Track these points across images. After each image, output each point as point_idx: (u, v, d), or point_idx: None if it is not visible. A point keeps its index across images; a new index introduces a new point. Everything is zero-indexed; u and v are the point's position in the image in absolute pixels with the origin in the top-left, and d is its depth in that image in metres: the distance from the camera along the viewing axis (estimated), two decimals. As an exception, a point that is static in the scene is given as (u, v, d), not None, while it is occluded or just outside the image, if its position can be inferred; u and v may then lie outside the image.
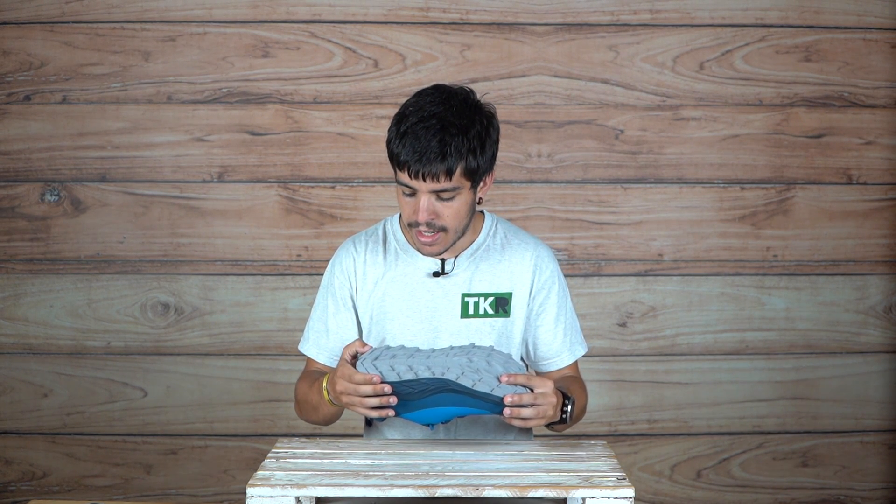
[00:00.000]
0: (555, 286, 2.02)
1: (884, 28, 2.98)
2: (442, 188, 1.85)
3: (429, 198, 1.86)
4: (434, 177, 1.83)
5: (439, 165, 1.82)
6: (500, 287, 1.99)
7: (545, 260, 2.02)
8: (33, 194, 2.95)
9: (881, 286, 3.02)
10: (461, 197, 1.88)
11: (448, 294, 1.98)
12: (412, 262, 1.99)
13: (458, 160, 1.83)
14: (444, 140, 1.82)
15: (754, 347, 3.02)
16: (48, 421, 2.97)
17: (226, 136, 2.95)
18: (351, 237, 2.07)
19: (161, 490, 2.97)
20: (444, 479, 1.58)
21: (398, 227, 2.03)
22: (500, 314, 1.98)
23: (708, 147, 2.99)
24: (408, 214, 1.89)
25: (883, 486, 3.05)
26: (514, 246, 2.02)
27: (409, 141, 1.83)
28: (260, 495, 1.55)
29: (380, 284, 2.00)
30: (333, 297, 2.02)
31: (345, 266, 2.02)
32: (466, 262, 1.99)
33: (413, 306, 1.98)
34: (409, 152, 1.82)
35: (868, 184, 3.01)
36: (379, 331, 1.99)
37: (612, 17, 2.96)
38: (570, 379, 2.01)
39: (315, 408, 1.93)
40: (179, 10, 2.93)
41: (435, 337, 1.97)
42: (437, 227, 1.88)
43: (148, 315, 2.96)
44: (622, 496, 1.54)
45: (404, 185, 1.87)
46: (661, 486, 3.03)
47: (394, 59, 2.95)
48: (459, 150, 1.83)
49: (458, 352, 1.78)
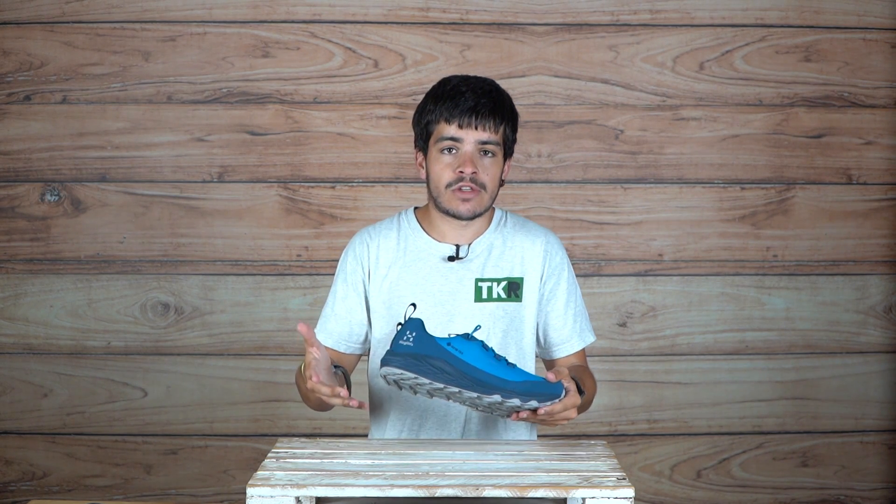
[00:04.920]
0: (564, 272, 2.06)
1: (884, 28, 2.98)
2: (487, 139, 1.95)
3: (474, 149, 1.94)
4: (484, 126, 1.94)
5: (489, 115, 1.94)
6: (511, 272, 2.02)
7: (555, 246, 2.06)
8: (33, 194, 2.95)
9: (881, 286, 3.02)
10: (497, 160, 1.99)
11: (462, 279, 2.01)
12: (426, 248, 2.02)
13: (503, 118, 1.97)
14: (492, 95, 1.97)
15: (754, 347, 3.02)
16: (48, 421, 2.97)
17: (226, 136, 2.95)
18: (365, 227, 2.10)
19: (161, 490, 2.98)
20: (444, 479, 1.58)
21: (413, 216, 2.07)
22: (512, 298, 2.01)
23: (708, 147, 2.99)
24: (449, 173, 1.96)
25: (883, 486, 3.05)
26: (525, 233, 2.06)
27: (457, 95, 1.95)
28: (260, 495, 1.55)
29: (393, 269, 2.02)
30: (344, 282, 2.05)
31: (358, 252, 2.05)
32: (479, 248, 2.03)
33: (427, 290, 2.00)
34: (459, 103, 1.94)
35: (868, 184, 3.01)
36: (394, 316, 2.01)
37: (612, 17, 2.96)
38: (581, 369, 2.04)
39: (306, 395, 1.95)
40: (179, 10, 2.93)
41: (449, 321, 1.99)
42: (479, 182, 1.96)
43: (148, 315, 2.96)
44: (622, 496, 1.54)
45: (448, 140, 1.95)
46: (661, 486, 3.03)
47: (394, 59, 2.95)
48: (504, 108, 1.98)
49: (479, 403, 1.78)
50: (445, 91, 1.97)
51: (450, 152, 1.96)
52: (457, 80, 1.99)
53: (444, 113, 1.95)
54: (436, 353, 1.72)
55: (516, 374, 1.73)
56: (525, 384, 1.72)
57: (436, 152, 1.97)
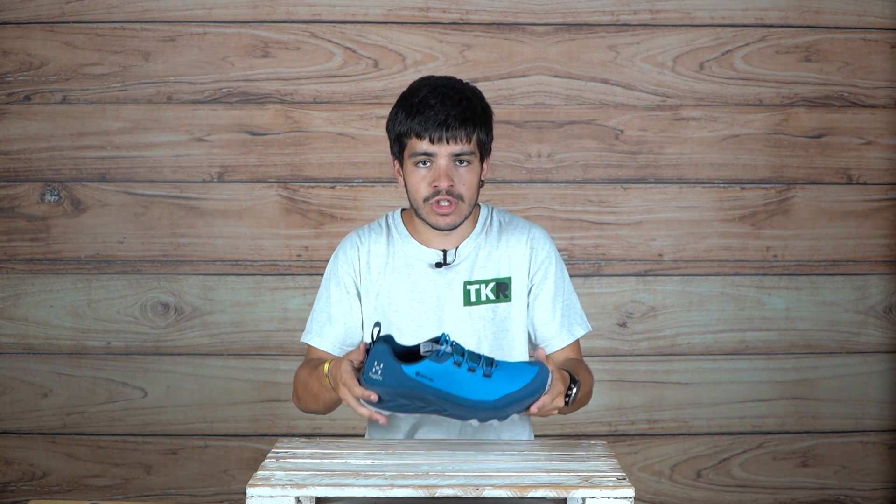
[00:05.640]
0: (551, 266, 2.04)
1: (884, 28, 2.98)
2: (461, 150, 1.93)
3: (448, 162, 1.93)
4: (455, 138, 1.91)
5: (460, 127, 1.91)
6: (499, 272, 2.02)
7: (540, 241, 2.05)
8: (33, 194, 2.95)
9: (881, 286, 3.02)
10: (473, 167, 1.96)
11: (451, 283, 2.01)
12: (415, 254, 2.02)
13: (474, 125, 1.94)
14: (462, 105, 1.93)
15: (754, 347, 3.02)
16: (48, 421, 2.97)
17: (226, 136, 2.95)
18: (354, 230, 2.09)
19: (161, 490, 2.98)
20: (444, 479, 1.58)
21: (399, 220, 2.06)
22: (501, 299, 2.01)
23: (708, 147, 2.99)
24: (425, 187, 1.94)
25: (883, 486, 3.05)
26: (510, 231, 2.05)
27: (426, 109, 1.91)
28: (260, 495, 1.55)
29: (383, 274, 2.02)
30: (338, 286, 2.04)
31: (349, 256, 2.04)
32: (466, 250, 2.02)
33: (417, 297, 2.00)
34: (430, 117, 1.91)
35: (868, 184, 3.01)
36: (383, 321, 2.00)
37: (612, 17, 2.96)
38: (575, 362, 2.01)
39: (315, 396, 1.94)
40: (179, 10, 2.93)
41: (439, 326, 1.99)
42: (456, 194, 1.94)
43: (148, 315, 2.96)
44: (622, 496, 1.53)
45: (421, 155, 1.93)
46: (661, 486, 3.03)
47: (394, 59, 2.95)
48: (475, 114, 1.94)
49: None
50: (414, 104, 1.93)
51: (424, 164, 1.94)
52: (425, 92, 1.94)
53: (416, 127, 1.92)
54: (406, 385, 1.65)
55: (493, 388, 1.65)
56: (502, 400, 1.64)
57: (411, 165, 1.96)
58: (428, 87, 1.95)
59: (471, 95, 1.97)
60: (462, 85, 1.98)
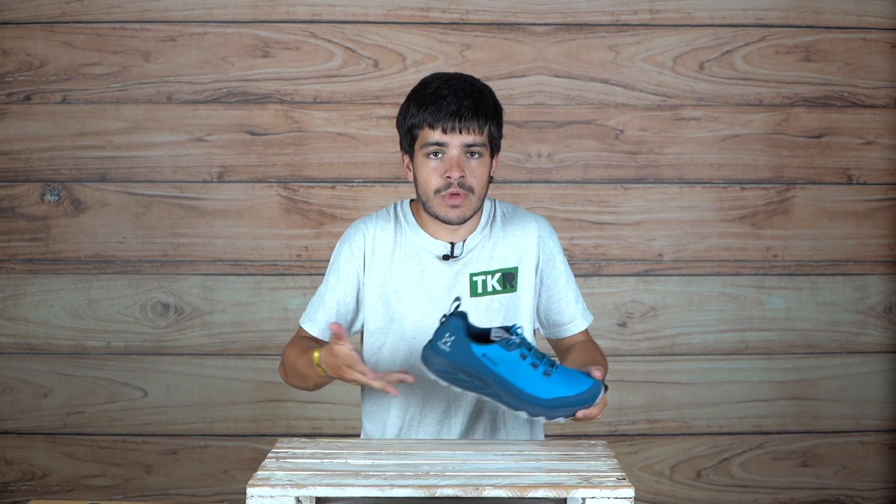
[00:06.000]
0: (560, 255, 2.07)
1: (884, 28, 2.98)
2: (473, 141, 1.93)
3: (460, 153, 1.93)
4: (468, 129, 1.92)
5: (472, 118, 1.92)
6: (505, 262, 2.03)
7: (547, 231, 2.07)
8: (33, 194, 2.95)
9: (881, 286, 3.02)
10: (484, 160, 1.97)
11: (457, 274, 2.01)
12: (422, 245, 2.02)
13: (486, 118, 1.94)
14: (474, 96, 1.94)
15: (754, 347, 3.02)
16: (48, 421, 2.97)
17: (226, 136, 2.95)
18: (361, 218, 2.09)
19: (161, 490, 2.97)
20: (444, 479, 1.58)
21: (409, 210, 2.06)
22: (507, 289, 2.02)
23: (708, 147, 2.99)
24: (436, 178, 1.95)
25: (883, 486, 3.05)
26: (516, 221, 2.06)
27: (439, 100, 1.92)
28: (260, 495, 1.55)
29: (389, 262, 2.02)
30: (336, 273, 2.05)
31: (354, 243, 2.04)
32: (473, 243, 2.03)
33: (423, 287, 2.00)
34: (442, 107, 1.92)
35: (868, 184, 3.01)
36: (387, 308, 2.01)
37: (612, 17, 2.96)
38: (593, 345, 2.06)
39: (304, 377, 1.97)
40: (179, 10, 2.93)
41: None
42: (467, 186, 1.94)
43: (148, 315, 2.96)
44: (622, 496, 1.53)
45: (433, 145, 1.93)
46: (661, 486, 3.03)
47: (394, 59, 2.95)
48: (488, 107, 1.95)
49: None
50: (427, 95, 1.94)
51: (436, 156, 1.95)
52: (438, 83, 1.95)
53: (428, 118, 1.93)
54: (470, 363, 1.73)
55: (550, 387, 1.73)
56: (556, 401, 1.72)
57: (422, 157, 1.96)
58: (440, 80, 1.96)
59: (483, 89, 1.98)
60: (474, 79, 2.00)
